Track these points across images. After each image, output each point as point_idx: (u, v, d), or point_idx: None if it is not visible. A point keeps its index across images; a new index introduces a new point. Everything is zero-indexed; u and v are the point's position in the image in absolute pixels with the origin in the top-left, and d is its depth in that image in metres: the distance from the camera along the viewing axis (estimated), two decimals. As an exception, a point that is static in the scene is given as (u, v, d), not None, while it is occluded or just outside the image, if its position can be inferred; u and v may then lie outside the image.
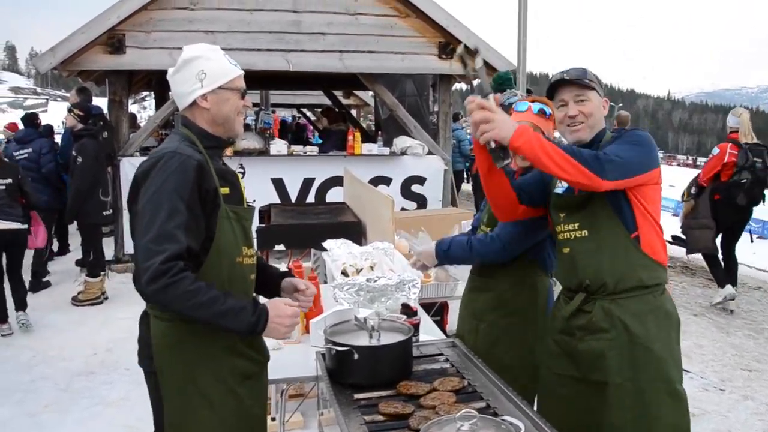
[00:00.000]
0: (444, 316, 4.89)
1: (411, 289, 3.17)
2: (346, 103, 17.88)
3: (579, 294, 2.51)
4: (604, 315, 2.44)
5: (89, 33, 7.61)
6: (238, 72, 2.32)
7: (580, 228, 2.49)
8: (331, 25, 8.37)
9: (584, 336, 2.49)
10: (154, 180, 2.10)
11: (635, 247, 2.42)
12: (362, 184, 5.91)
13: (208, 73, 2.24)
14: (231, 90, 2.28)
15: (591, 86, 2.51)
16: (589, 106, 2.51)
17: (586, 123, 2.51)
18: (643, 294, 2.44)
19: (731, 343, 6.25)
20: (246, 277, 2.35)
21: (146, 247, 2.04)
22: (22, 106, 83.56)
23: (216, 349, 2.22)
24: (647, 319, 2.42)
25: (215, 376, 2.22)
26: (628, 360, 2.40)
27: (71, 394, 4.86)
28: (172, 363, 2.20)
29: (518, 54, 8.00)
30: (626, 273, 2.42)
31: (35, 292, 7.26)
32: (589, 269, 2.46)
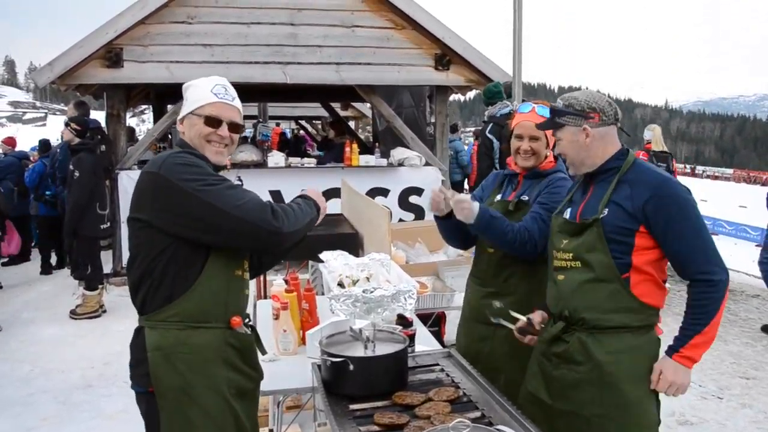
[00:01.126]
0: (441, 327, 4.89)
1: (407, 299, 3.20)
2: (344, 114, 17.92)
3: (559, 322, 2.49)
4: (580, 347, 2.41)
5: (87, 47, 7.65)
6: (210, 99, 2.31)
7: (573, 259, 2.46)
8: (328, 37, 8.41)
9: (559, 364, 2.48)
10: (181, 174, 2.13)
11: (624, 288, 2.36)
12: (359, 195, 5.92)
13: (187, 99, 2.34)
14: (197, 116, 2.30)
15: (559, 124, 2.50)
16: (561, 146, 2.54)
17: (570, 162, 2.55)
18: (623, 333, 2.37)
19: (729, 351, 6.25)
20: (243, 291, 2.37)
21: (237, 208, 2.11)
22: (22, 119, 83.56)
23: (211, 361, 2.22)
24: (622, 359, 2.36)
25: (212, 387, 2.22)
26: (598, 397, 2.36)
27: (69, 407, 4.86)
28: (168, 376, 2.20)
29: (514, 64, 8.04)
30: (608, 312, 2.37)
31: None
32: (571, 300, 2.43)
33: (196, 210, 2.10)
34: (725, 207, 23.58)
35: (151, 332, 2.22)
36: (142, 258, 2.21)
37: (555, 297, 2.53)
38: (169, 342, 2.19)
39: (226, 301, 2.27)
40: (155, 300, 2.21)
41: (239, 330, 2.30)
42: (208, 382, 2.22)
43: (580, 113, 2.45)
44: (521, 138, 3.05)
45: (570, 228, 2.49)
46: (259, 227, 2.13)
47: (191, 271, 2.19)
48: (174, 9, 7.93)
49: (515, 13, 8.01)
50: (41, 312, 7.27)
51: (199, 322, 2.21)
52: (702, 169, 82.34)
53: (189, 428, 2.21)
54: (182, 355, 2.19)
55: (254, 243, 2.22)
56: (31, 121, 46.31)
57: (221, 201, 2.10)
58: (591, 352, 2.38)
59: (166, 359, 2.19)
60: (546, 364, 2.55)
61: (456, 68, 8.84)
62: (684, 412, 4.75)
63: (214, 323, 2.24)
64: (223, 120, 2.31)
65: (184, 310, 2.19)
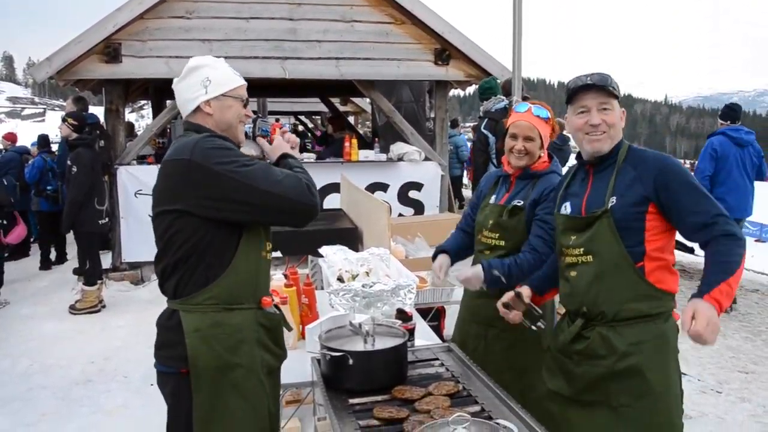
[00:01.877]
0: (441, 321, 4.89)
1: (407, 294, 3.20)
2: (343, 110, 17.90)
3: (578, 320, 2.47)
4: (602, 342, 2.40)
5: (85, 42, 7.62)
6: (240, 81, 2.42)
7: (585, 253, 2.44)
8: (327, 32, 8.39)
9: (581, 361, 2.47)
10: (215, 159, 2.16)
11: (640, 277, 2.36)
12: (359, 190, 5.92)
13: (213, 80, 2.34)
14: (233, 98, 2.38)
15: (615, 94, 2.42)
16: (612, 115, 2.41)
17: (608, 133, 2.42)
18: (644, 322, 2.37)
19: (728, 345, 6.25)
20: (268, 270, 2.46)
21: (279, 185, 2.19)
22: (20, 115, 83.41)
23: (247, 341, 2.27)
24: (645, 348, 2.36)
25: (247, 367, 2.27)
26: (626, 388, 2.36)
27: (69, 402, 4.86)
28: (206, 357, 2.22)
29: (513, 59, 7.98)
30: (626, 303, 2.36)
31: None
32: (588, 296, 2.42)
33: (238, 192, 2.15)
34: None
35: (188, 315, 2.24)
36: (178, 246, 2.23)
37: (570, 294, 2.52)
38: (207, 324, 2.23)
39: (256, 281, 2.34)
40: (190, 285, 2.24)
41: (269, 310, 2.37)
42: (245, 362, 2.26)
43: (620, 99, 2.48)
44: (515, 138, 3.05)
45: (577, 223, 2.48)
46: (300, 203, 2.21)
47: (226, 254, 2.24)
48: (172, 4, 7.91)
49: (515, 7, 7.96)
50: (41, 307, 7.26)
51: (234, 303, 2.26)
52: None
53: (224, 408, 2.25)
54: (220, 336, 2.23)
55: (293, 218, 2.27)
56: (30, 116, 46.16)
57: (261, 181, 2.16)
58: (613, 345, 2.38)
59: (204, 341, 2.22)
60: (567, 363, 2.53)
61: (456, 63, 8.83)
62: (683, 406, 4.75)
63: (247, 304, 2.29)
64: (248, 100, 2.47)
65: (220, 292, 2.24)
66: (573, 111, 2.50)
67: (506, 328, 2.99)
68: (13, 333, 6.42)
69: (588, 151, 2.48)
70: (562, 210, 2.57)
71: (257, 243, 2.34)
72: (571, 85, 2.48)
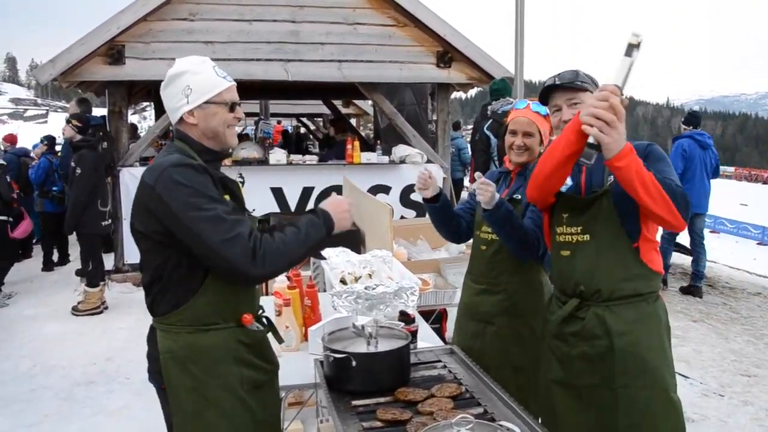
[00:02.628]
0: (443, 324, 4.90)
1: (409, 296, 3.21)
2: (346, 112, 17.93)
3: (572, 299, 2.48)
4: (598, 322, 2.41)
5: (89, 44, 7.64)
6: (225, 84, 2.27)
7: (582, 232, 2.45)
8: (330, 35, 8.41)
9: (577, 342, 2.47)
10: (175, 195, 2.06)
11: (635, 256, 2.39)
12: (361, 192, 5.93)
13: (194, 88, 2.22)
14: (218, 104, 2.24)
15: (584, 88, 2.48)
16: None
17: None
18: (637, 301, 2.41)
19: (731, 348, 6.25)
20: (254, 287, 2.37)
21: (221, 244, 2.04)
22: (23, 116, 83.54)
23: (223, 361, 2.21)
24: (640, 327, 2.39)
25: (225, 387, 2.21)
26: (623, 367, 2.38)
27: (71, 403, 4.87)
28: (180, 377, 2.18)
29: (515, 61, 8.02)
30: (623, 282, 2.39)
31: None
32: (586, 275, 2.43)
33: (183, 236, 2.07)
34: (726, 205, 23.54)
35: (162, 335, 2.21)
36: (149, 265, 2.21)
37: (566, 274, 2.51)
38: (180, 345, 2.18)
39: (236, 301, 2.24)
40: (163, 305, 2.20)
41: (250, 327, 2.27)
42: (221, 382, 2.20)
43: (596, 87, 2.48)
44: (515, 133, 3.07)
45: (577, 202, 2.49)
46: (236, 269, 2.07)
47: (196, 277, 2.16)
48: (176, 6, 7.93)
49: (517, 10, 7.99)
50: (43, 308, 7.27)
51: (209, 324, 2.19)
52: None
53: (205, 428, 2.20)
54: (193, 357, 2.18)
55: (229, 278, 2.15)
56: (33, 118, 46.19)
57: (207, 234, 2.04)
58: (609, 325, 2.39)
59: (178, 362, 2.18)
60: (562, 347, 2.53)
61: (458, 66, 8.84)
62: (685, 409, 4.72)
63: (224, 324, 2.22)
64: (237, 102, 2.32)
65: (192, 315, 2.18)
66: (549, 111, 2.60)
67: (504, 325, 3.02)
68: (15, 334, 6.43)
69: None
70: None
71: None
72: (545, 84, 2.57)
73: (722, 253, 12.91)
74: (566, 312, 2.49)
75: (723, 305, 7.90)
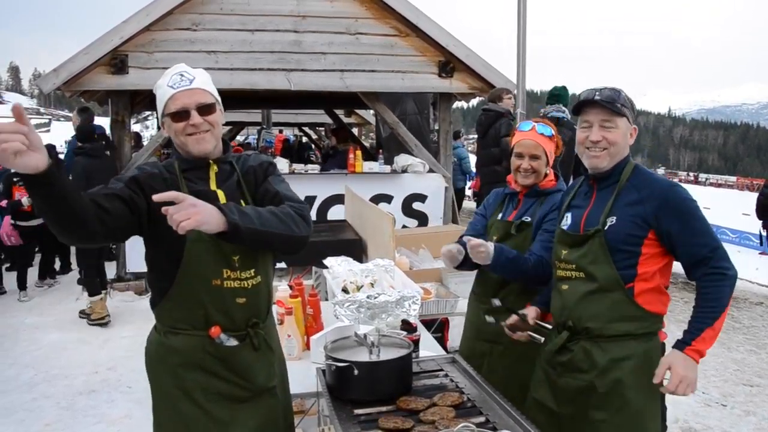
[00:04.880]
0: (445, 333, 4.89)
1: (411, 305, 3.20)
2: (348, 121, 17.96)
3: (564, 332, 2.49)
4: (584, 356, 2.42)
5: (92, 54, 7.68)
6: (169, 93, 2.23)
7: (576, 269, 2.46)
8: (332, 44, 8.44)
9: (564, 373, 2.49)
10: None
11: (628, 297, 2.36)
12: (363, 201, 5.93)
13: (158, 102, 2.30)
14: (167, 116, 2.25)
15: (622, 113, 2.39)
16: (615, 133, 2.39)
17: (607, 151, 2.40)
18: (628, 340, 2.38)
19: (733, 358, 6.24)
20: (227, 298, 2.25)
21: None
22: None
23: (187, 366, 2.25)
24: (626, 366, 2.37)
25: (184, 391, 2.26)
26: (603, 403, 2.38)
27: (73, 412, 4.86)
28: (151, 370, 2.34)
29: (518, 71, 8.03)
30: (612, 322, 2.37)
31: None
32: (575, 310, 2.44)
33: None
34: (728, 215, 23.57)
35: (151, 332, 2.38)
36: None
37: (559, 307, 2.54)
38: (153, 340, 2.34)
39: (204, 310, 2.23)
40: (152, 301, 2.34)
41: (217, 340, 2.23)
42: (178, 384, 2.26)
43: (633, 113, 2.45)
44: (521, 156, 3.05)
45: (571, 240, 2.49)
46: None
47: (165, 280, 2.23)
48: (178, 16, 7.97)
49: (519, 20, 8.01)
50: (45, 317, 7.28)
51: (178, 328, 2.27)
52: (705, 177, 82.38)
53: (158, 427, 2.34)
54: (159, 355, 2.29)
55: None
56: (36, 127, 46.02)
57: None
58: (595, 360, 2.39)
59: (149, 356, 2.34)
60: (551, 373, 2.56)
61: (459, 75, 8.86)
62: (687, 419, 4.74)
63: (193, 331, 2.25)
64: (189, 108, 2.21)
65: (162, 315, 2.30)
66: (579, 123, 2.50)
67: (511, 345, 2.99)
68: (17, 342, 6.43)
69: (587, 165, 2.49)
70: (563, 221, 2.58)
71: (205, 269, 2.21)
72: (581, 96, 2.46)
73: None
74: (557, 345, 2.51)
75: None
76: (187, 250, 2.17)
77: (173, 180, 2.23)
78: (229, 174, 2.35)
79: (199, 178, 2.29)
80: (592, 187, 2.54)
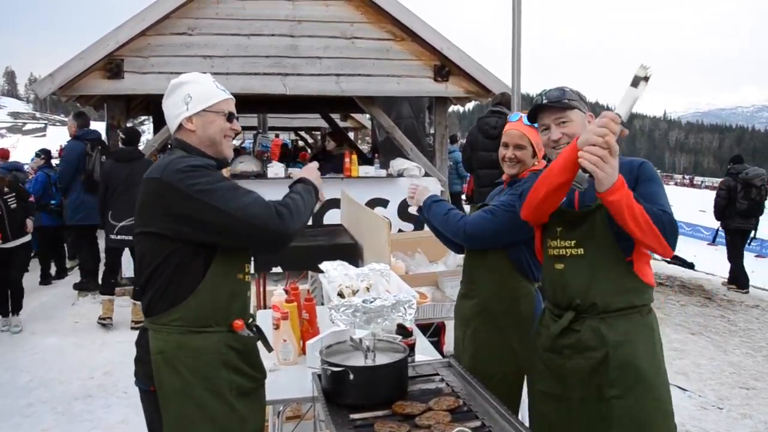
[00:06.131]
0: (441, 337, 4.89)
1: (407, 309, 3.19)
2: (343, 125, 17.97)
3: (568, 312, 2.49)
4: (593, 334, 2.43)
5: (88, 59, 7.69)
6: (224, 96, 2.37)
7: (576, 246, 2.47)
8: (328, 49, 8.46)
9: (572, 354, 2.48)
10: (185, 179, 2.14)
11: (628, 270, 2.42)
12: (359, 206, 5.93)
13: (194, 96, 2.32)
14: (215, 113, 2.33)
15: (571, 106, 2.51)
16: (571, 126, 2.50)
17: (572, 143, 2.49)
18: (632, 313, 2.43)
19: (729, 361, 6.25)
20: (245, 293, 2.39)
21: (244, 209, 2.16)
22: (21, 130, 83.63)
23: (212, 364, 2.24)
24: (635, 339, 2.41)
25: (212, 390, 2.24)
26: (618, 379, 2.39)
27: (69, 417, 4.85)
28: (170, 378, 2.22)
29: (513, 75, 8.04)
30: (617, 294, 2.41)
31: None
32: (580, 288, 2.45)
33: (201, 213, 2.13)
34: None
35: (154, 335, 2.26)
36: (148, 264, 2.25)
37: (559, 287, 2.53)
38: (171, 346, 2.22)
39: (228, 305, 2.29)
40: (160, 304, 2.24)
41: (241, 333, 2.31)
42: (209, 385, 2.23)
43: (584, 103, 2.57)
44: (506, 146, 3.12)
45: (571, 215, 2.51)
46: (265, 229, 2.18)
47: (194, 277, 2.22)
48: (174, 21, 7.98)
49: (514, 24, 8.02)
50: (41, 322, 7.26)
51: (201, 326, 2.24)
52: (701, 180, 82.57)
53: (192, 429, 2.23)
54: (183, 358, 2.22)
55: (261, 244, 2.29)
56: (31, 131, 45.91)
57: (226, 203, 2.13)
58: (604, 336, 2.41)
59: (168, 362, 2.22)
60: (556, 359, 2.54)
61: (455, 79, 8.89)
62: (684, 422, 4.75)
63: (216, 327, 2.26)
64: (234, 114, 2.40)
65: (187, 314, 2.22)
66: (539, 129, 2.62)
67: (476, 330, 3.09)
68: (13, 347, 6.42)
69: None
70: None
71: (232, 266, 2.30)
72: (531, 106, 2.60)
73: (720, 265, 12.91)
74: (562, 326, 2.50)
75: (721, 318, 7.91)
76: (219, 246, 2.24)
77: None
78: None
79: None
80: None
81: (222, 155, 2.38)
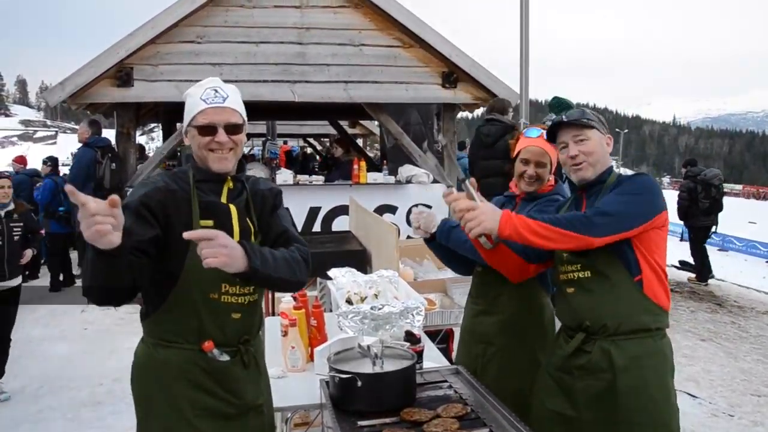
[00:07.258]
0: (449, 344, 4.88)
1: (415, 316, 3.19)
2: (352, 132, 17.98)
3: (579, 334, 2.50)
4: (603, 356, 2.43)
5: (98, 67, 7.74)
6: (200, 107, 2.22)
7: (582, 269, 2.49)
8: (336, 56, 8.48)
9: (583, 375, 2.48)
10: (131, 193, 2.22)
11: (638, 290, 2.41)
12: (367, 212, 5.94)
13: (186, 110, 2.29)
14: (193, 127, 2.25)
15: (590, 125, 2.56)
16: (588, 145, 2.55)
17: (587, 161, 2.55)
18: (644, 337, 2.43)
19: (740, 368, 6.20)
20: (222, 313, 2.26)
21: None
22: (32, 138, 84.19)
23: (175, 378, 2.23)
24: (645, 363, 2.41)
25: (171, 404, 2.23)
26: (626, 402, 2.38)
27: (79, 424, 4.87)
28: (137, 383, 2.32)
29: (521, 81, 8.04)
30: (628, 316, 2.41)
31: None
32: (590, 310, 2.46)
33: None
34: (735, 223, 23.46)
35: (139, 343, 2.36)
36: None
37: (571, 311, 2.54)
38: (141, 353, 2.32)
39: (199, 323, 2.23)
40: (142, 314, 2.33)
41: (209, 355, 2.23)
42: (167, 398, 2.23)
43: (603, 126, 2.63)
44: (527, 162, 3.05)
45: None
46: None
47: (161, 292, 2.23)
48: (183, 29, 8.03)
49: (522, 30, 8.03)
50: (50, 329, 7.30)
51: (170, 341, 2.25)
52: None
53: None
54: (148, 368, 2.27)
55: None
56: (42, 139, 45.88)
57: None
58: (614, 359, 2.40)
59: (138, 369, 2.31)
60: (566, 379, 2.54)
61: (463, 86, 8.89)
62: (695, 430, 4.71)
63: (185, 344, 2.24)
64: (217, 125, 2.21)
65: (154, 328, 2.29)
66: (558, 147, 2.68)
67: (502, 348, 3.01)
68: (23, 354, 6.44)
69: (575, 180, 2.63)
70: None
71: (204, 284, 2.21)
72: (551, 124, 2.68)
73: (731, 271, 12.85)
74: (573, 347, 2.51)
75: (732, 324, 7.85)
76: (189, 260, 2.16)
77: (183, 193, 2.23)
78: (239, 192, 2.36)
79: (211, 190, 2.30)
80: (581, 196, 2.65)
81: (210, 169, 2.27)
